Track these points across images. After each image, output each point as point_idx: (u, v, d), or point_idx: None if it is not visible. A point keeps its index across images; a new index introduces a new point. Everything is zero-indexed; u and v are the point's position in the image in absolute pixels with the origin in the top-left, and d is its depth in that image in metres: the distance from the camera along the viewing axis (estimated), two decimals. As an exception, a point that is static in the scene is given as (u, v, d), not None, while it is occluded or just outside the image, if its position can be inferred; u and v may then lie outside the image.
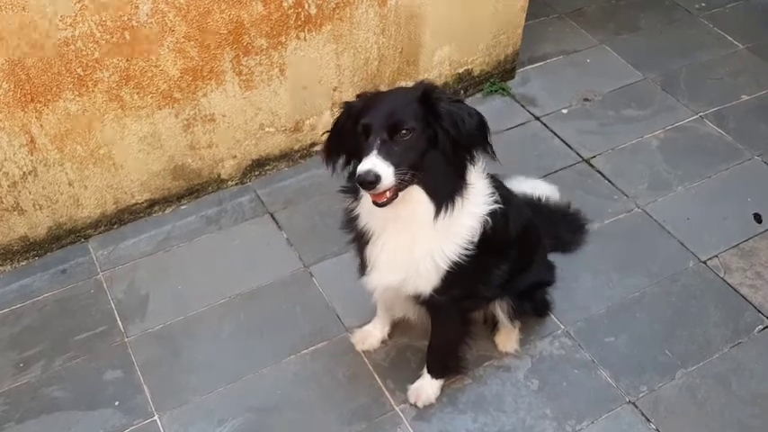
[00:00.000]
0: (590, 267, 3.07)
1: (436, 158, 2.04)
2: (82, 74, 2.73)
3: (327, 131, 2.21)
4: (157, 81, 2.91)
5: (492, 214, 2.22)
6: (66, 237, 3.14)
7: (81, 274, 3.07)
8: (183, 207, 3.34)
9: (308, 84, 3.29)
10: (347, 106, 2.13)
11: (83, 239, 3.18)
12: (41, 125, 2.77)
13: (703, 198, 3.37)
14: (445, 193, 2.09)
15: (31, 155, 2.83)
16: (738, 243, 3.16)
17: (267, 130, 3.34)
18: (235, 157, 3.34)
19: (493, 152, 2.12)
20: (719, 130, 3.71)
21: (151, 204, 3.26)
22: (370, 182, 1.93)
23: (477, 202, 2.20)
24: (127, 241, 3.20)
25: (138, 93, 2.90)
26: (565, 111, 3.84)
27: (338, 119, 2.15)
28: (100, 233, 3.21)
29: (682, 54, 4.17)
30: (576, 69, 4.10)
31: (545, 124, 3.76)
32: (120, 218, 3.22)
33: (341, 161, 2.19)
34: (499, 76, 3.91)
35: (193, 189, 3.33)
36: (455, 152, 2.06)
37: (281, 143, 3.42)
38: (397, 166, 1.95)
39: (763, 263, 3.08)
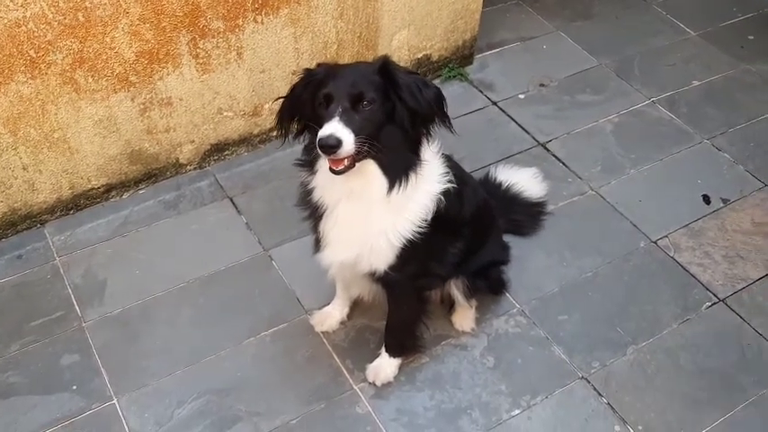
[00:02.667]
0: (545, 248, 3.13)
1: (393, 133, 2.07)
2: (34, 56, 2.70)
3: (281, 97, 2.21)
4: (112, 64, 2.89)
5: (446, 193, 2.26)
6: (21, 222, 3.10)
7: (37, 260, 3.04)
8: (140, 192, 3.32)
9: (267, 67, 3.29)
10: (308, 73, 2.13)
11: (39, 225, 3.15)
12: (-7, 108, 2.74)
13: (655, 180, 3.45)
14: (399, 168, 2.12)
15: (-17, 138, 2.79)
16: (688, 223, 3.25)
17: (225, 114, 3.33)
18: (193, 141, 3.33)
19: (450, 124, 2.16)
20: (671, 115, 3.80)
21: (108, 189, 3.24)
22: (332, 146, 1.95)
23: (430, 181, 2.24)
24: (84, 226, 3.17)
25: (92, 76, 2.87)
26: (522, 96, 3.90)
27: (296, 85, 2.16)
28: (56, 218, 3.18)
29: (635, 41, 4.26)
30: (532, 55, 4.16)
31: (502, 109, 3.81)
32: (77, 203, 3.19)
33: (293, 131, 2.21)
34: (457, 62, 3.95)
35: (151, 174, 3.31)
36: (413, 126, 2.09)
37: (240, 127, 3.42)
38: (357, 134, 1.98)
39: (710, 242, 3.17)
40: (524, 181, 3.16)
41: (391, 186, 2.13)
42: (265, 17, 3.11)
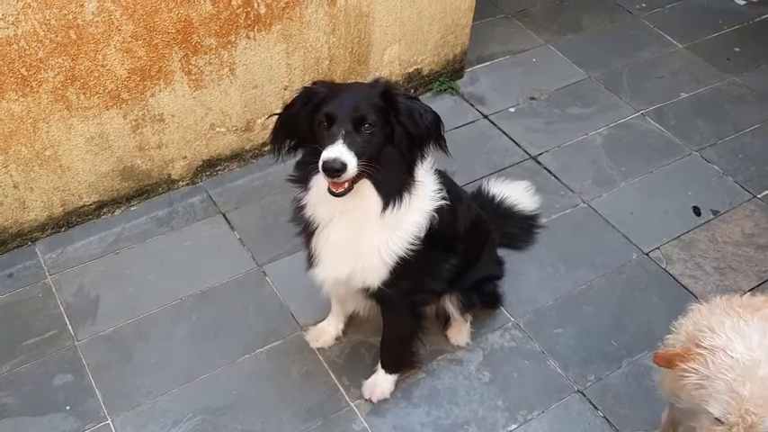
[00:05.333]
0: (538, 261, 3.15)
1: (390, 154, 2.09)
2: (26, 74, 2.69)
3: (277, 113, 2.21)
4: (104, 81, 2.88)
5: (439, 210, 2.27)
6: (12, 240, 3.08)
7: (28, 278, 3.01)
8: (132, 208, 3.30)
9: (259, 83, 3.29)
10: (306, 91, 2.13)
11: (29, 243, 3.12)
12: (-16, 126, 2.72)
13: (645, 192, 3.48)
14: (394, 188, 2.13)
15: (-26, 157, 2.77)
16: (679, 235, 3.27)
17: (218, 130, 3.33)
18: (185, 157, 3.32)
19: (446, 148, 2.18)
20: (660, 127, 3.83)
21: (100, 206, 3.22)
22: (336, 169, 1.95)
23: (424, 198, 2.24)
24: (75, 244, 3.15)
25: (84, 93, 2.86)
26: (512, 109, 3.92)
27: (292, 102, 2.16)
28: (47, 236, 3.15)
29: (624, 53, 4.30)
30: (522, 68, 4.18)
31: (493, 122, 3.83)
32: (68, 220, 3.17)
33: (286, 147, 2.20)
34: (448, 76, 3.97)
35: (143, 190, 3.30)
36: (410, 148, 2.10)
37: (232, 143, 3.42)
38: (359, 156, 1.99)
39: (702, 253, 3.20)
40: (517, 194, 3.18)
41: (386, 206, 2.14)
42: (258, 33, 3.11)
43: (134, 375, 2.71)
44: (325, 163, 1.96)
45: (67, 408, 2.61)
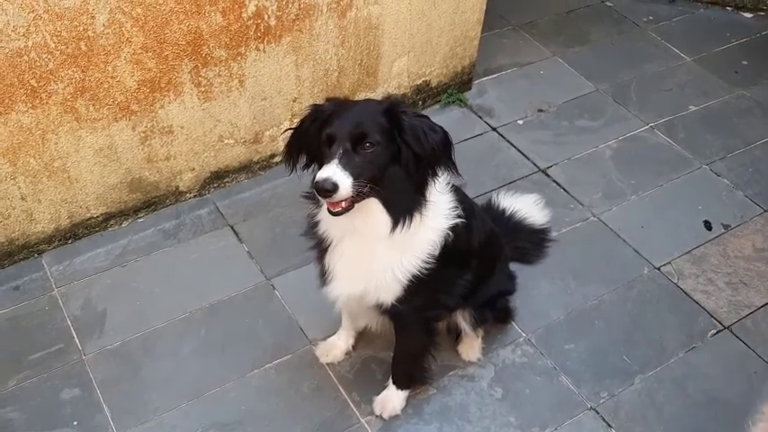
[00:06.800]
0: (549, 275, 3.12)
1: (397, 174, 2.05)
2: (35, 85, 2.66)
3: (290, 128, 2.19)
4: (114, 93, 2.86)
5: (454, 228, 2.24)
6: (18, 252, 3.05)
7: (35, 291, 2.98)
8: (140, 220, 3.28)
9: (268, 95, 3.28)
10: (314, 109, 2.12)
11: (36, 255, 3.10)
12: (-7, 138, 2.70)
13: (656, 206, 3.46)
14: (403, 208, 2.10)
15: (-18, 168, 2.75)
16: (690, 249, 3.25)
17: (226, 141, 3.31)
18: (193, 169, 3.30)
19: (456, 169, 2.13)
20: (669, 140, 3.82)
21: (107, 218, 3.19)
22: (327, 190, 1.93)
23: (438, 216, 2.21)
24: (82, 256, 3.12)
25: (93, 105, 2.84)
26: (520, 122, 3.90)
27: (303, 120, 2.14)
28: (54, 248, 3.13)
29: (631, 66, 4.29)
30: (530, 81, 4.17)
31: (501, 135, 3.81)
32: (75, 232, 3.14)
33: (301, 162, 2.18)
34: (456, 88, 3.96)
35: (151, 202, 3.27)
36: (417, 168, 2.06)
37: (241, 155, 3.40)
38: (356, 177, 1.96)
39: (713, 268, 3.18)
40: (527, 207, 3.16)
41: (395, 226, 2.10)
42: (267, 45, 3.10)
43: (142, 390, 2.68)
44: (316, 183, 1.94)
45: (75, 423, 2.58)
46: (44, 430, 2.56)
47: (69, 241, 3.15)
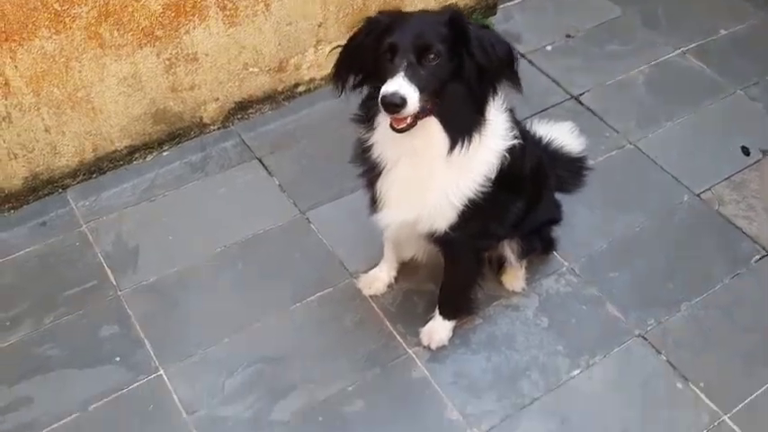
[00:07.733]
0: (588, 204, 3.05)
1: (458, 90, 1.95)
2: (59, 9, 2.51)
3: (339, 46, 2.06)
4: (138, 17, 2.71)
5: (511, 149, 2.16)
6: (42, 187, 2.94)
7: (62, 227, 2.89)
8: (164, 154, 3.17)
9: (293, 20, 3.13)
10: (370, 21, 1.99)
11: (60, 190, 2.99)
12: (16, 66, 2.56)
13: (691, 132, 3.38)
14: (463, 127, 2.01)
15: (5, 99, 2.61)
16: (729, 176, 3.19)
17: (251, 70, 3.17)
18: (217, 99, 3.17)
19: (519, 82, 2.04)
20: (702, 65, 3.71)
21: (132, 151, 3.08)
22: (396, 104, 1.83)
23: (496, 137, 2.13)
24: (108, 191, 3.02)
25: (117, 30, 2.69)
26: (549, 47, 3.78)
27: (356, 34, 2.01)
28: (78, 183, 3.02)
29: (658, -11, 4.15)
30: (555, 5, 4.02)
31: (531, 61, 3.69)
32: (100, 166, 3.04)
33: (350, 82, 2.06)
34: (482, 12, 3.81)
35: (175, 134, 3.16)
36: (479, 83, 1.97)
37: (265, 84, 3.27)
38: (422, 90, 1.86)
39: (754, 194, 3.12)
40: (563, 136, 3.05)
41: (453, 145, 2.02)
42: (295, -35, 2.94)
43: (182, 325, 2.63)
44: (383, 98, 1.84)
45: (117, 359, 2.53)
46: (86, 367, 2.51)
47: (94, 176, 3.04)
